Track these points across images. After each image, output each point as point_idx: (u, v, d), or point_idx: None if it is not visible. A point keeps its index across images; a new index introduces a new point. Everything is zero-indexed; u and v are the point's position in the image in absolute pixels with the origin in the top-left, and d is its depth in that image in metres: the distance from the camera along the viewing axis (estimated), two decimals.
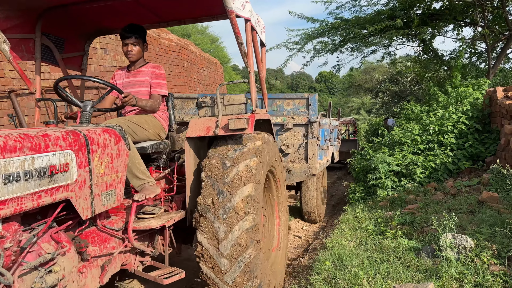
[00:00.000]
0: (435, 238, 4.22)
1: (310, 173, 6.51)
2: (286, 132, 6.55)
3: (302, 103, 6.53)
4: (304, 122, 6.42)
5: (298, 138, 6.49)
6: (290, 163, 6.56)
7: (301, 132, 6.48)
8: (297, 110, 6.54)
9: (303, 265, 4.93)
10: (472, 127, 7.80)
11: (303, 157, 6.51)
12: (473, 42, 13.06)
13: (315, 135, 6.37)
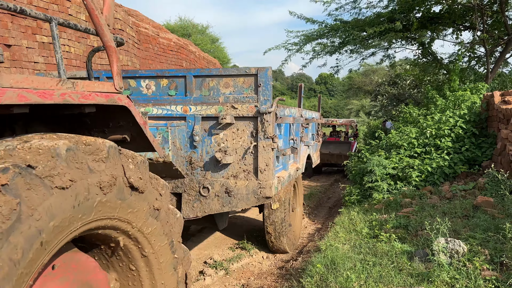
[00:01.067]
0: (428, 242, 4.21)
1: (262, 195, 4.39)
2: (224, 130, 4.43)
3: (248, 83, 4.38)
4: (252, 114, 4.32)
5: (243, 140, 4.42)
6: (231, 179, 4.45)
7: (247, 130, 4.39)
8: (240, 94, 4.41)
9: (296, 267, 4.91)
10: (469, 131, 7.79)
11: (251, 169, 4.41)
12: (472, 46, 13.05)
13: (268, 135, 4.29)
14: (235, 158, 4.46)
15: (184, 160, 4.48)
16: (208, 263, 5.38)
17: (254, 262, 5.62)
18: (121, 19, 9.11)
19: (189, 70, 4.47)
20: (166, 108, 4.51)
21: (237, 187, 4.43)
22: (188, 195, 4.49)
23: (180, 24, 31.56)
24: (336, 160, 15.28)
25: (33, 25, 6.53)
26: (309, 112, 7.33)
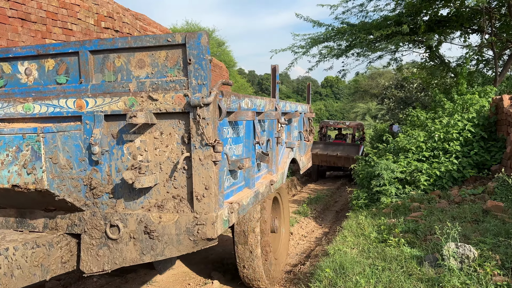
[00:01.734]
0: (438, 247, 4.18)
1: (200, 236, 2.87)
2: (141, 134, 3.00)
3: (172, 59, 2.91)
4: (180, 108, 2.86)
5: (170, 149, 2.96)
6: (153, 211, 2.97)
7: (176, 133, 2.94)
8: (161, 78, 2.93)
9: (304, 271, 4.90)
10: (478, 135, 7.74)
11: (185, 195, 2.95)
12: (480, 49, 12.98)
13: (207, 140, 2.80)
14: (160, 177, 2.94)
15: (80, 184, 2.96)
16: (216, 267, 5.37)
17: None
18: (129, 23, 9.17)
19: (83, 43, 2.98)
20: (53, 103, 3.02)
21: (162, 224, 2.88)
22: (89, 238, 2.99)
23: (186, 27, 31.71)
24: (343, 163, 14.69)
25: (42, 29, 6.59)
26: (290, 105, 5.65)
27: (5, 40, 5.85)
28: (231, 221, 3.17)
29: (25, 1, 6.26)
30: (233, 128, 3.47)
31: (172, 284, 4.92)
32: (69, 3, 7.19)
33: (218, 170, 2.89)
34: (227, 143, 3.31)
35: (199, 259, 6.27)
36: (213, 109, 2.80)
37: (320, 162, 14.86)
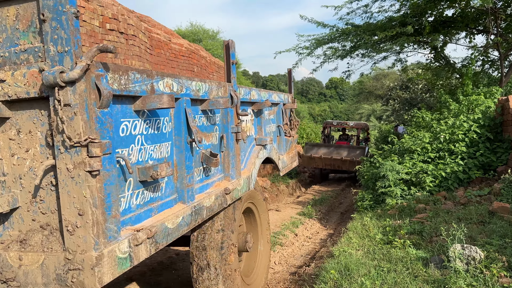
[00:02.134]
0: (444, 249, 4.15)
1: (77, 285, 1.90)
2: None
3: (25, 18, 1.98)
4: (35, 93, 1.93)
5: (32, 155, 2.05)
6: (12, 247, 2.06)
7: (37, 131, 2.02)
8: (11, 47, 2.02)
9: (309, 273, 4.88)
10: (484, 136, 7.69)
11: (56, 223, 2.05)
12: (485, 50, 12.90)
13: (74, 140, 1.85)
14: (22, 198, 2.06)
15: None
16: None
17: None
18: (134, 25, 9.20)
19: None
20: None
21: (24, 269, 1.98)
22: None
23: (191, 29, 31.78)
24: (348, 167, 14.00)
25: None
26: (260, 92, 4.56)
27: None
28: (137, 257, 2.16)
29: None
30: (146, 121, 2.43)
31: (178, 285, 4.93)
32: None
33: (102, 185, 1.93)
34: (134, 142, 2.32)
35: None
36: (84, 90, 1.84)
37: (324, 166, 14.45)
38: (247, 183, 3.92)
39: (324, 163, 14.23)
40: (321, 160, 14.08)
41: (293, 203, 11.42)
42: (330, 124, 16.94)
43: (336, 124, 17.06)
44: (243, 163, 4.03)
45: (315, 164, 14.58)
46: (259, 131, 4.57)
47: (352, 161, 13.48)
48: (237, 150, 3.76)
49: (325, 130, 16.83)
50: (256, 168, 4.21)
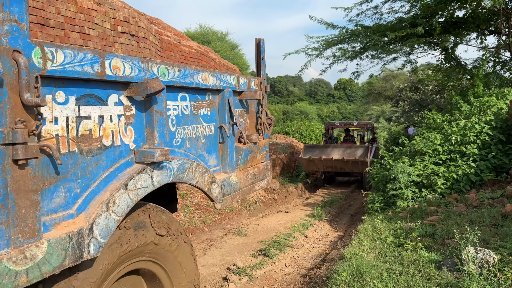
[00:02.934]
0: (456, 251, 4.12)
1: None
2: None
3: None
4: None
5: None
6: None
7: None
8: None
9: (320, 275, 4.88)
10: (496, 138, 7.62)
11: None
12: (497, 51, 12.80)
13: None
14: None
15: None
16: (231, 270, 5.39)
17: (277, 269, 5.60)
18: (145, 27, 9.26)
19: None
20: None
21: None
22: None
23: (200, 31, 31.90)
24: (351, 168, 13.28)
25: (61, 34, 6.70)
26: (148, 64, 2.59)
27: None
28: None
29: (44, 6, 6.38)
30: None
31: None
32: (87, 8, 7.30)
33: None
34: None
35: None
36: None
37: (325, 168, 13.66)
38: (74, 248, 1.99)
39: (325, 165, 13.33)
40: (321, 162, 13.23)
41: (302, 204, 11.40)
42: (332, 124, 16.31)
43: (338, 125, 16.43)
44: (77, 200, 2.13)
45: (315, 167, 13.80)
46: (149, 136, 2.65)
47: (355, 161, 12.62)
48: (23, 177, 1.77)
49: (328, 131, 16.17)
50: (121, 209, 2.29)
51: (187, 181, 2.92)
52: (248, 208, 10.23)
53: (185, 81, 2.94)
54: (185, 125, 3.06)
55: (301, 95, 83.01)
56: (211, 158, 3.45)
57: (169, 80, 2.76)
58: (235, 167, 3.68)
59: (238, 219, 9.18)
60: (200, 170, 3.03)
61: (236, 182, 3.68)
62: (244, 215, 9.72)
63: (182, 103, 3.04)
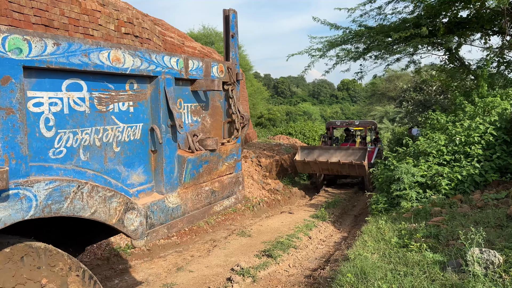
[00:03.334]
0: (461, 252, 4.11)
1: None
2: None
3: None
4: None
5: None
6: None
7: None
8: None
9: (324, 276, 4.87)
10: (500, 138, 7.59)
11: None
12: (501, 51, 12.75)
13: None
14: None
15: None
16: (235, 270, 5.39)
17: (281, 270, 5.60)
18: (148, 28, 9.29)
19: None
20: None
21: None
22: None
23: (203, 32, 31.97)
24: (348, 171, 12.45)
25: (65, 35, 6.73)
26: None
27: None
28: None
29: (49, 8, 6.41)
30: None
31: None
32: (91, 9, 7.33)
33: None
34: None
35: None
36: None
37: (321, 171, 13.13)
38: None
39: (321, 168, 12.71)
40: (316, 165, 12.58)
41: (306, 205, 11.39)
42: (333, 124, 15.75)
43: (339, 124, 15.89)
44: None
45: (311, 170, 13.25)
46: None
47: (351, 165, 11.97)
48: None
49: (328, 131, 15.58)
50: None
51: (72, 213, 1.96)
52: (251, 209, 10.24)
53: (72, 61, 2.01)
54: (77, 127, 2.11)
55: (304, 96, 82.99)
56: (135, 174, 2.50)
57: (33, 58, 1.83)
58: (176, 184, 2.73)
59: (241, 220, 9.19)
60: (101, 195, 2.09)
61: (178, 205, 2.74)
62: (248, 216, 9.73)
63: (72, 95, 2.09)
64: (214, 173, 3.06)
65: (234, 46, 3.40)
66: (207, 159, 2.91)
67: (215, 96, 3.19)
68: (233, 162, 3.25)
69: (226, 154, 3.14)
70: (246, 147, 16.33)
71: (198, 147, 2.86)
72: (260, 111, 38.43)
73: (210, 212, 3.04)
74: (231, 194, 3.28)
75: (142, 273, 5.44)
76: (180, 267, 5.67)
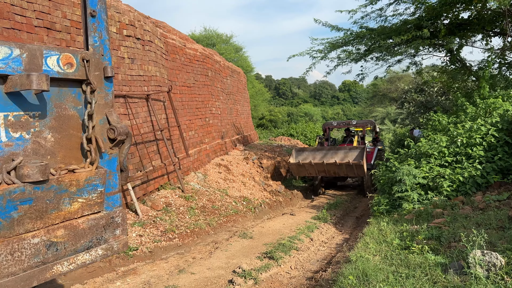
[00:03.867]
0: (463, 254, 4.10)
1: None
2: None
3: None
4: None
5: None
6: None
7: None
8: None
9: (326, 278, 4.87)
10: (502, 140, 7.59)
11: None
12: (502, 52, 12.74)
13: None
14: None
15: None
16: (237, 272, 5.39)
17: (283, 272, 5.60)
18: (150, 30, 9.31)
19: None
20: None
21: None
22: None
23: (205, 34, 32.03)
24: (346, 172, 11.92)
25: (67, 38, 6.74)
26: None
27: None
28: None
29: (51, 11, 6.43)
30: None
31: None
32: None
33: None
34: None
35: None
36: None
37: (317, 173, 12.59)
38: None
39: (317, 169, 12.16)
40: (312, 167, 12.04)
41: (308, 207, 11.39)
42: (329, 125, 15.26)
43: (336, 125, 15.38)
44: None
45: (307, 172, 12.66)
46: None
47: (349, 165, 11.47)
48: None
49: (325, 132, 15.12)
50: None
51: None
52: (253, 211, 10.24)
53: None
54: None
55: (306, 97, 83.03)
56: None
57: None
58: None
59: (243, 222, 9.19)
60: None
61: None
62: (249, 218, 9.73)
63: None
64: (53, 216, 2.08)
65: (98, 30, 2.43)
66: (29, 196, 1.95)
67: (65, 101, 2.26)
68: (97, 197, 2.27)
69: (78, 186, 2.16)
70: (247, 149, 16.35)
71: (9, 178, 1.91)
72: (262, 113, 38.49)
73: (46, 276, 2.03)
74: (96, 243, 2.27)
75: (144, 275, 5.44)
76: (182, 269, 5.67)
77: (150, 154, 8.90)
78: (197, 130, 12.39)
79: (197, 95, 12.60)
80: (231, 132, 16.46)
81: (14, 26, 5.73)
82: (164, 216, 7.82)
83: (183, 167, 10.63)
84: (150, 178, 8.69)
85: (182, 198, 9.01)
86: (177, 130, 10.37)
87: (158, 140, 9.37)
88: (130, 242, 6.66)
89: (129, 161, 8.06)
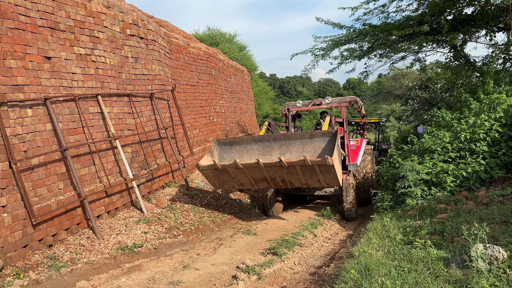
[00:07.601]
0: (465, 249, 4.12)
1: None
2: None
3: None
4: None
5: None
6: None
7: None
8: None
9: (329, 273, 4.90)
10: (506, 135, 7.57)
11: None
12: (506, 48, 12.68)
13: None
14: None
15: None
16: (240, 268, 5.43)
17: (286, 268, 5.63)
18: (154, 29, 9.36)
19: None
20: None
21: None
22: None
23: (208, 33, 32.07)
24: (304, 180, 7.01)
25: (71, 38, 6.80)
26: None
27: (35, 49, 6.07)
28: None
29: (54, 11, 6.49)
30: None
31: (198, 285, 5.00)
32: (96, 11, 7.41)
33: None
34: None
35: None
36: None
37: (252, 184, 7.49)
38: None
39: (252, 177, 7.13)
40: (241, 173, 7.08)
41: (311, 204, 11.41)
42: (291, 106, 10.05)
43: (301, 105, 10.11)
44: None
45: (230, 186, 7.67)
46: None
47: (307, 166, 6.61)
48: None
49: (286, 118, 10.10)
50: None
51: None
52: (257, 208, 10.27)
53: None
54: None
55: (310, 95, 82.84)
56: None
57: None
58: None
59: (247, 219, 9.22)
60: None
61: None
62: (253, 214, 9.76)
63: None
64: None
65: None
66: None
67: None
68: None
69: None
70: None
71: None
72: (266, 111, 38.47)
73: None
74: None
75: (148, 271, 5.49)
76: (186, 265, 5.72)
77: (155, 153, 8.95)
78: (201, 128, 12.43)
79: (201, 93, 12.64)
80: (235, 131, 16.50)
81: (19, 26, 5.79)
82: (169, 214, 7.87)
83: (188, 165, 10.68)
84: (154, 176, 8.74)
85: (186, 196, 9.06)
86: (181, 128, 10.42)
87: (162, 138, 9.42)
88: (135, 239, 6.72)
89: (134, 159, 8.12)
